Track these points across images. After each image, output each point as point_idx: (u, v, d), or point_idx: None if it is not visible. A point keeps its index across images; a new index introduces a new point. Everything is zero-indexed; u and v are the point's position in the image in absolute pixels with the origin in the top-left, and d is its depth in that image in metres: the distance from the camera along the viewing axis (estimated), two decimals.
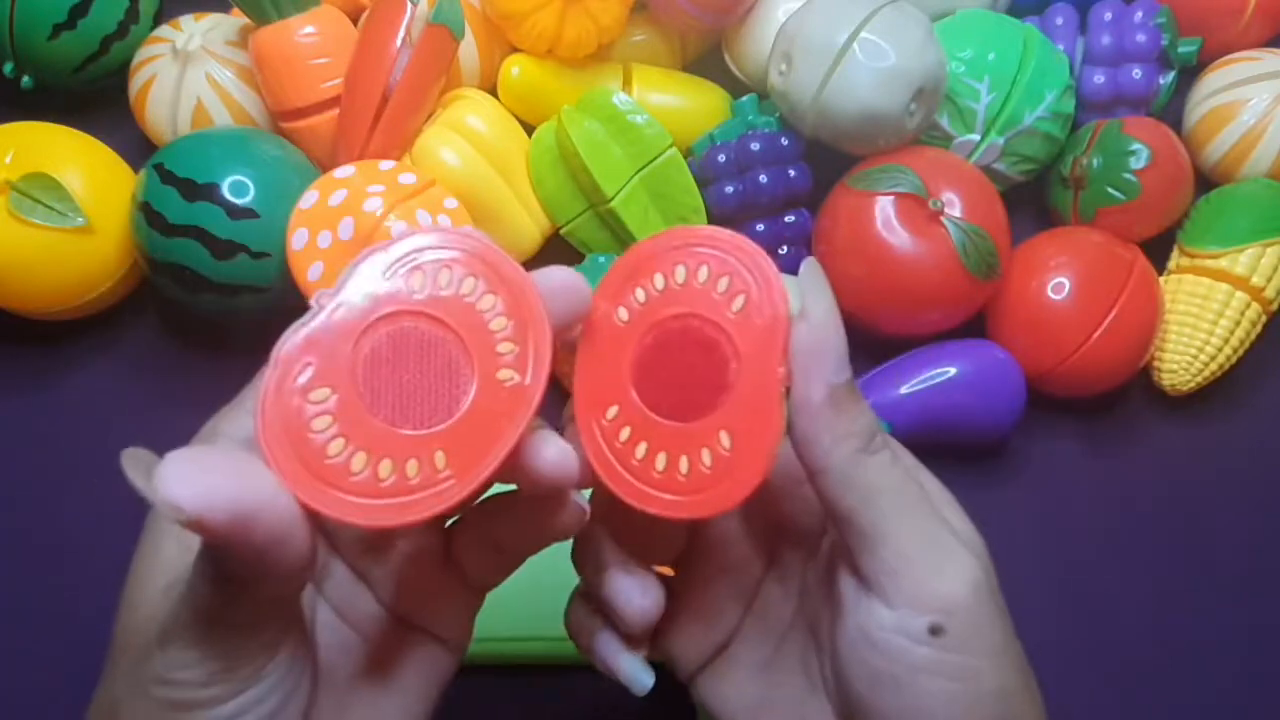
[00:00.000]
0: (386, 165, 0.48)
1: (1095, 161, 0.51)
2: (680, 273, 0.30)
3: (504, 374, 0.27)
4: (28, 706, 0.48)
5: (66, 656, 0.48)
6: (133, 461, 0.24)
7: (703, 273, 0.29)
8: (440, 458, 0.26)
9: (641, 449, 0.29)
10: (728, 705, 0.32)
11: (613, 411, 0.30)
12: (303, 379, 0.27)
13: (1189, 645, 0.50)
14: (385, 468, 0.26)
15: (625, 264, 0.30)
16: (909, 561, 0.28)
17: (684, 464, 0.29)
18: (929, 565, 0.28)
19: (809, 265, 0.29)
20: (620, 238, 0.51)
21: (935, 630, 0.27)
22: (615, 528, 0.31)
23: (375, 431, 0.26)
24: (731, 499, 0.28)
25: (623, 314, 0.30)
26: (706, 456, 0.29)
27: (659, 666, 0.46)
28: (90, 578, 0.49)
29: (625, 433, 0.29)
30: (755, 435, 0.28)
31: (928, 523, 0.28)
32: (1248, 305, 0.50)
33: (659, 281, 0.30)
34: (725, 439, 0.28)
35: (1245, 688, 0.49)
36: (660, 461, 0.29)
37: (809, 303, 0.28)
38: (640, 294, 0.30)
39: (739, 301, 0.29)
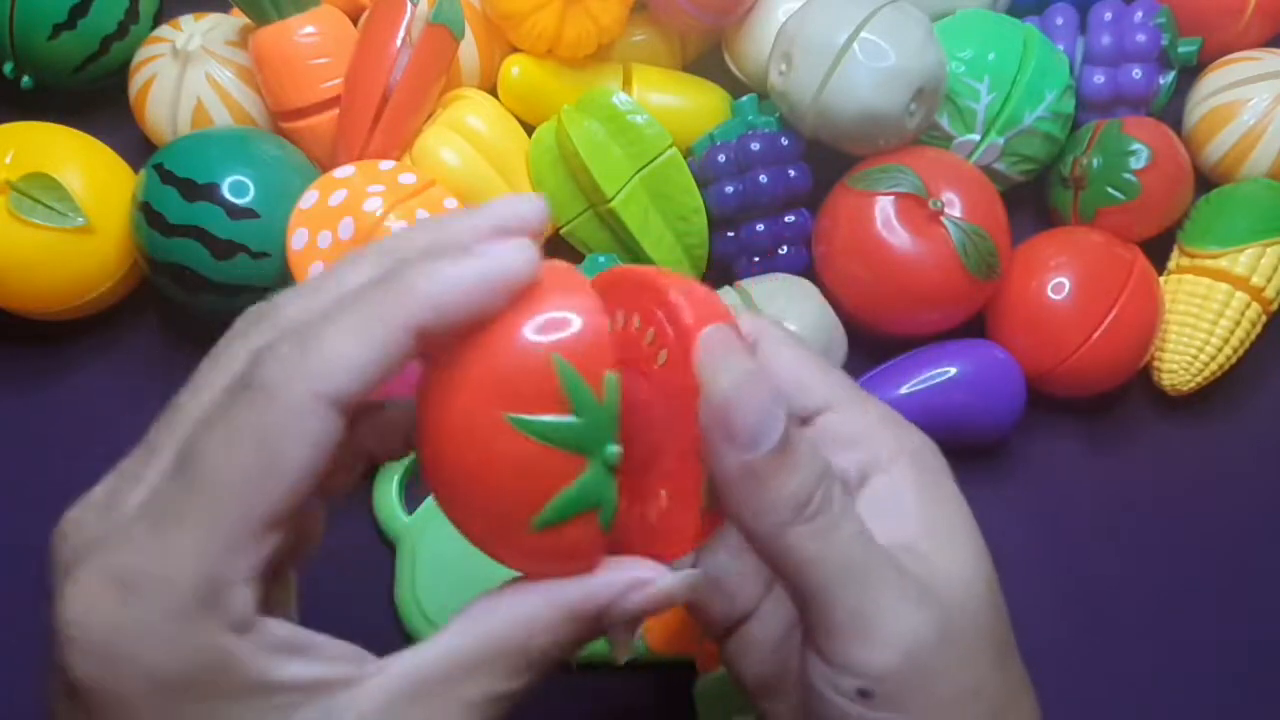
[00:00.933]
0: (386, 165, 0.48)
1: (1095, 161, 0.51)
2: (618, 318, 0.28)
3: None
4: (28, 706, 0.48)
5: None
6: None
7: (635, 320, 0.27)
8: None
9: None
10: (745, 674, 0.31)
11: None
12: None
13: (1189, 645, 0.50)
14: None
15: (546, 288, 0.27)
16: (838, 630, 0.27)
17: (641, 513, 0.28)
18: (858, 635, 0.27)
19: (709, 337, 0.26)
20: (620, 238, 0.51)
21: (864, 693, 0.27)
22: None
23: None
24: (669, 554, 0.27)
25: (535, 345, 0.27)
26: (652, 512, 0.28)
27: (661, 668, 0.46)
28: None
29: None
30: (684, 497, 0.27)
31: (865, 590, 0.27)
32: (1248, 305, 0.50)
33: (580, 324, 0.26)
34: (663, 496, 0.27)
35: (1246, 688, 0.49)
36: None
37: (708, 377, 0.26)
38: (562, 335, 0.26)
39: (661, 357, 0.27)
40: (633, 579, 0.27)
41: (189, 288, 0.47)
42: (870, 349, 0.51)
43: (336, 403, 0.24)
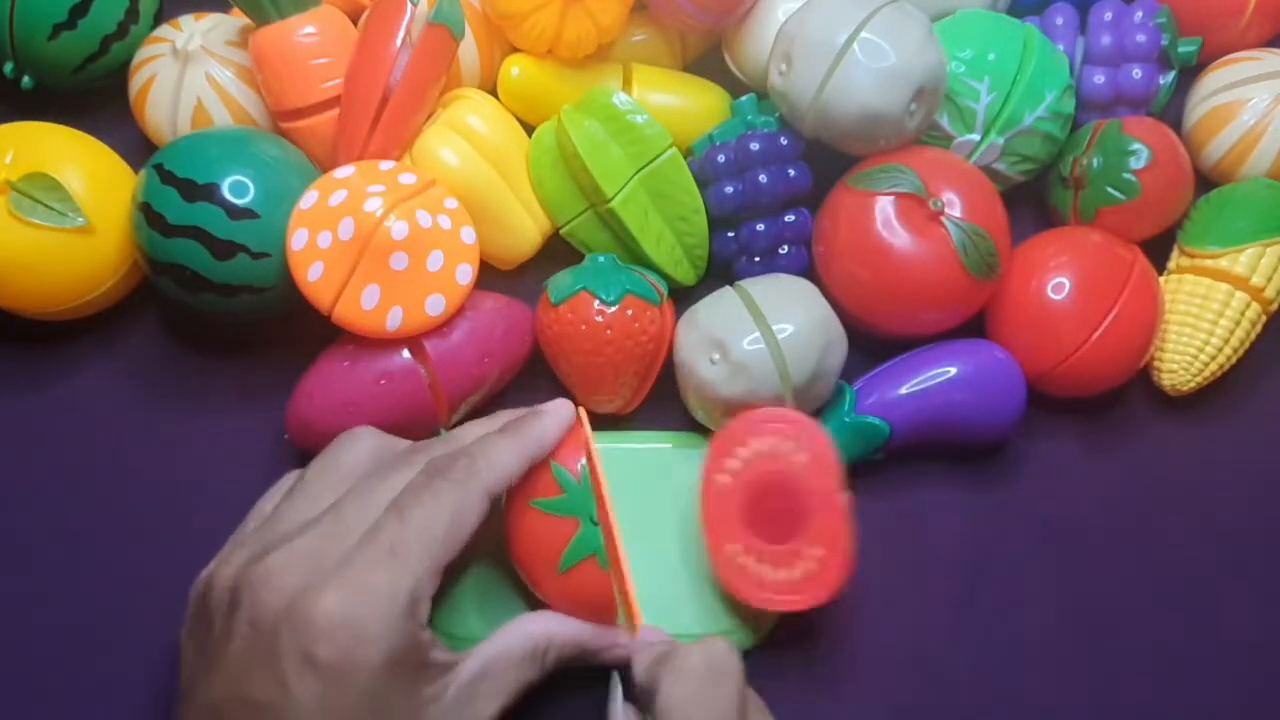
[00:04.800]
0: (386, 165, 0.48)
1: (1095, 161, 0.51)
2: (759, 444, 0.45)
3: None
4: (28, 706, 0.48)
5: (66, 656, 0.48)
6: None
7: (771, 442, 0.45)
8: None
9: (753, 564, 0.44)
10: None
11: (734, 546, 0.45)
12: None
13: (1189, 645, 0.50)
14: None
15: (719, 442, 0.45)
16: None
17: (785, 574, 0.44)
18: None
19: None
20: (620, 238, 0.51)
21: None
22: None
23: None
24: (823, 595, 0.44)
25: (724, 479, 0.45)
26: (799, 568, 0.44)
27: None
28: (90, 578, 0.49)
29: (746, 559, 0.44)
30: (834, 547, 0.44)
31: None
32: (1248, 305, 0.50)
33: (744, 452, 0.45)
34: (814, 552, 0.44)
35: (1246, 688, 0.49)
36: (771, 573, 0.44)
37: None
38: (733, 462, 0.45)
39: (802, 458, 0.45)
40: (614, 641, 0.43)
41: (189, 288, 0.47)
42: (870, 349, 0.51)
43: (493, 495, 0.40)
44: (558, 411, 0.43)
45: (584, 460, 0.42)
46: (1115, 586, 0.50)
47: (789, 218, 0.51)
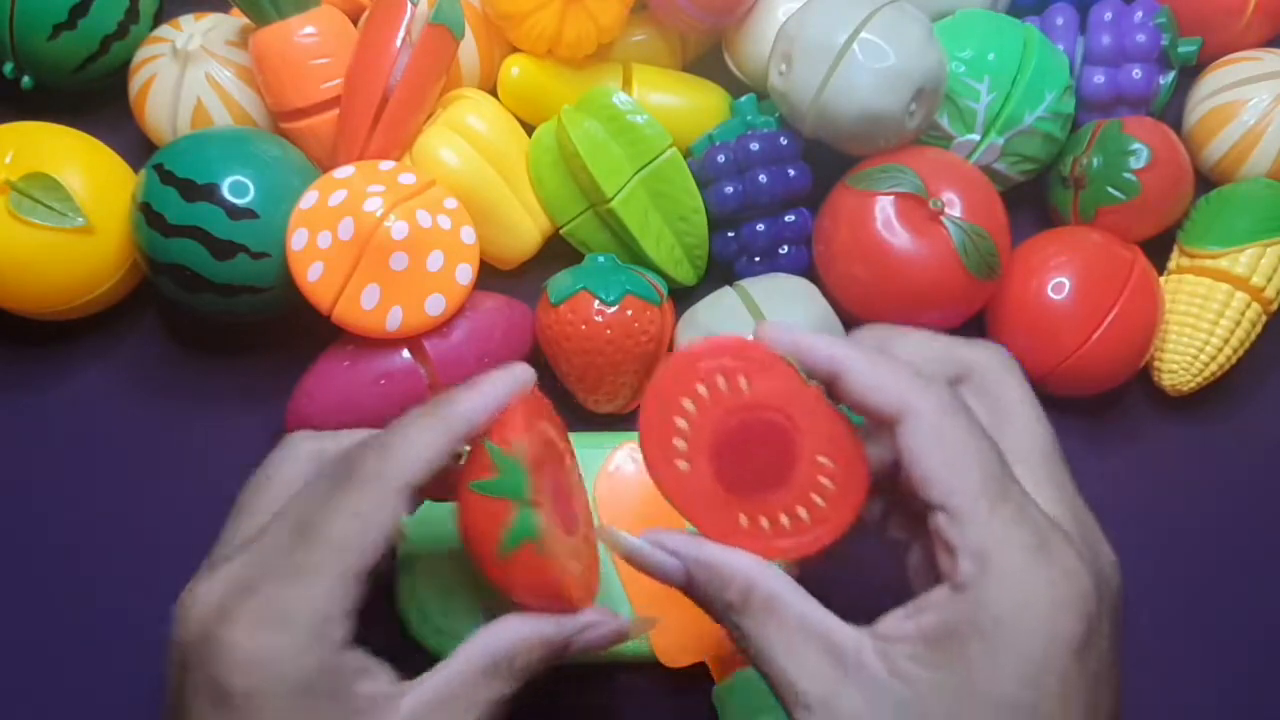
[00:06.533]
0: (386, 165, 0.48)
1: (1095, 161, 0.51)
2: (690, 403, 0.35)
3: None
4: (28, 705, 0.48)
5: (67, 655, 0.48)
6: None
7: (704, 392, 0.35)
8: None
9: (743, 519, 0.35)
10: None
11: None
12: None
13: (1189, 645, 0.50)
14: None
15: (650, 426, 0.35)
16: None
17: (784, 520, 0.35)
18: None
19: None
20: (620, 238, 0.51)
21: None
22: None
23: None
24: (853, 507, 0.35)
25: (681, 465, 0.35)
26: (802, 511, 0.35)
27: (678, 674, 0.46)
28: (90, 577, 0.49)
29: (743, 518, 0.35)
30: (849, 473, 0.35)
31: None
32: (1248, 305, 0.50)
33: (682, 423, 0.36)
34: (827, 481, 0.35)
35: (1246, 689, 0.49)
36: (764, 523, 0.35)
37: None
38: (679, 442, 0.35)
39: (752, 382, 0.35)
40: (588, 622, 0.36)
41: (189, 288, 0.47)
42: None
43: (408, 489, 0.35)
44: (494, 382, 0.37)
45: (522, 438, 0.36)
46: None
47: (789, 218, 0.51)
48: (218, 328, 0.52)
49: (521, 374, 0.37)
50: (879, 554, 0.38)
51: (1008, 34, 0.51)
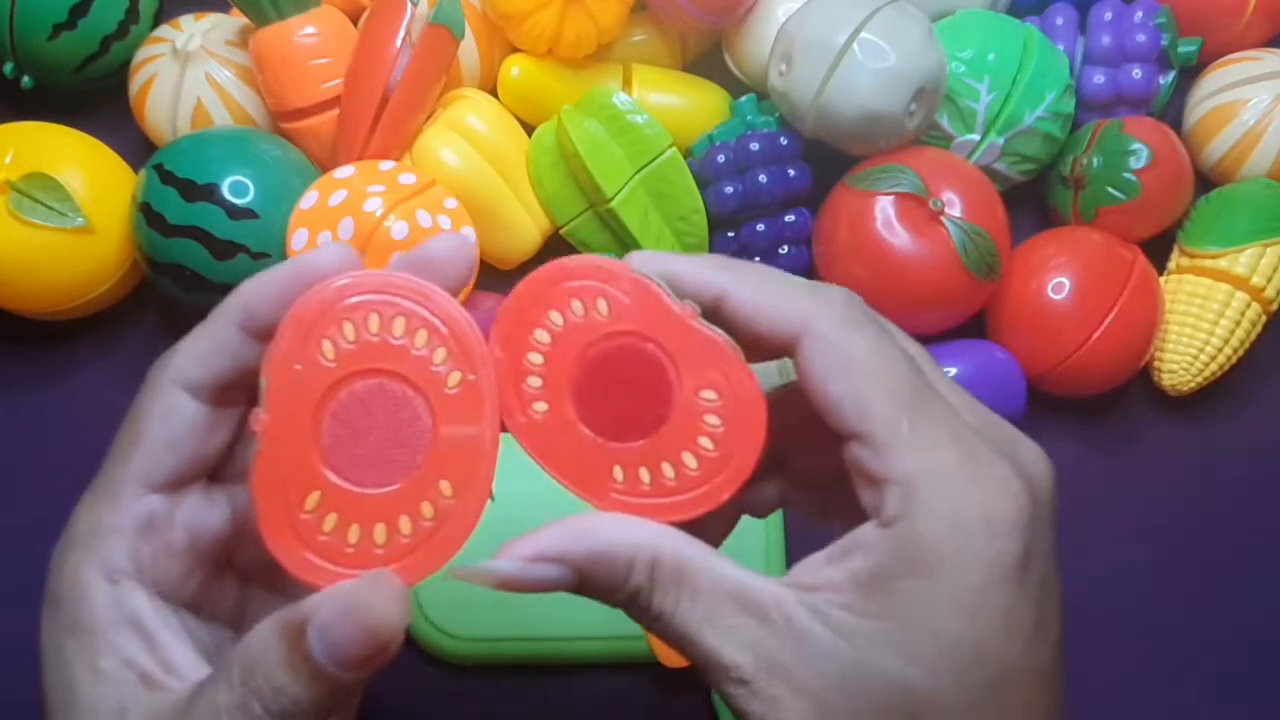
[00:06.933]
0: (386, 165, 0.48)
1: (1095, 161, 0.51)
2: (541, 334, 0.29)
3: (451, 379, 0.28)
4: (28, 705, 0.48)
5: None
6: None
7: (557, 323, 0.29)
8: (446, 486, 0.28)
9: (618, 472, 0.29)
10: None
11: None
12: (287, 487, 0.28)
13: (1188, 646, 0.50)
14: (404, 524, 0.27)
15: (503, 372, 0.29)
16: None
17: (668, 471, 0.29)
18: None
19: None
20: (620, 238, 0.51)
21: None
22: None
23: (372, 501, 0.28)
24: (754, 448, 0.28)
25: (538, 410, 0.29)
26: (689, 459, 0.29)
27: (676, 672, 0.46)
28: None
29: (618, 471, 0.29)
30: (739, 404, 0.29)
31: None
32: (1248, 305, 0.50)
33: (537, 361, 0.29)
34: (715, 420, 0.29)
35: (1245, 689, 0.49)
36: (644, 476, 0.29)
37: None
38: (533, 380, 0.29)
39: (601, 306, 0.29)
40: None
41: (189, 288, 0.47)
42: None
43: (185, 385, 0.29)
44: (290, 265, 0.29)
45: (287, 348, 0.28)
46: (1114, 585, 0.50)
47: (789, 218, 0.51)
48: None
49: (323, 256, 0.29)
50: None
51: (1008, 34, 0.51)
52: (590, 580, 0.27)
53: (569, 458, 0.29)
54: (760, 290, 0.29)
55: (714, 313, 0.29)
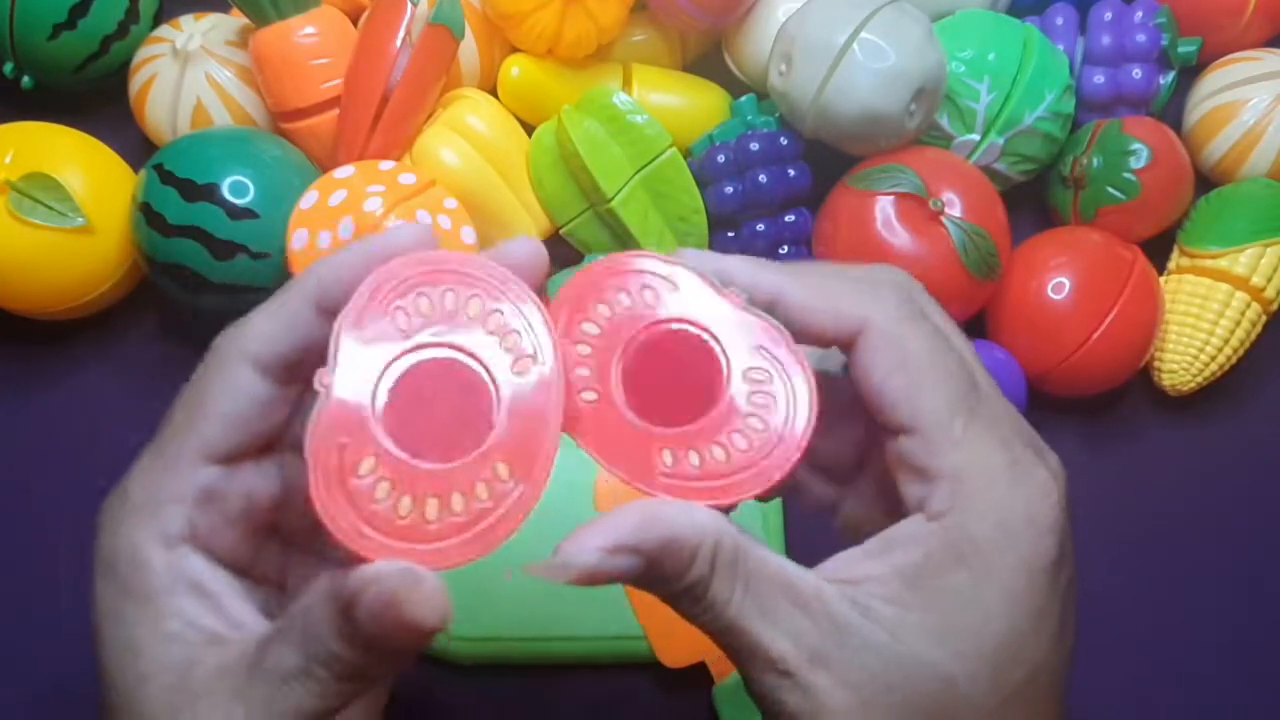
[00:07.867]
0: (386, 165, 0.48)
1: (1095, 161, 0.51)
2: (590, 328, 0.29)
3: (524, 370, 0.28)
4: (26, 707, 0.48)
5: (64, 658, 0.48)
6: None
7: (604, 313, 0.29)
8: (503, 469, 0.27)
9: (667, 455, 0.28)
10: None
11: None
12: (343, 460, 0.27)
13: (1188, 645, 0.50)
14: (457, 501, 0.27)
15: (567, 294, 0.29)
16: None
17: (718, 454, 0.28)
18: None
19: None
20: (620, 238, 0.51)
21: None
22: None
23: (428, 475, 0.27)
24: (803, 433, 0.28)
25: (590, 396, 0.29)
26: (739, 440, 0.28)
27: (676, 672, 0.46)
28: (90, 578, 0.49)
29: (667, 456, 0.28)
30: (781, 363, 0.29)
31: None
32: (1248, 305, 0.50)
33: (584, 352, 0.29)
34: (763, 401, 0.29)
35: (1246, 689, 0.49)
36: (692, 460, 0.28)
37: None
38: (583, 372, 0.29)
39: (662, 296, 0.29)
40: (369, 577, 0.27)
41: (189, 288, 0.47)
42: None
43: (254, 362, 0.29)
44: (362, 244, 0.29)
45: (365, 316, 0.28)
46: (1114, 585, 0.50)
47: (789, 218, 0.51)
48: (218, 328, 0.52)
49: (401, 235, 0.29)
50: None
51: (1008, 34, 0.51)
52: (658, 569, 0.27)
53: (617, 444, 0.28)
54: (816, 290, 0.29)
55: (768, 311, 0.29)
